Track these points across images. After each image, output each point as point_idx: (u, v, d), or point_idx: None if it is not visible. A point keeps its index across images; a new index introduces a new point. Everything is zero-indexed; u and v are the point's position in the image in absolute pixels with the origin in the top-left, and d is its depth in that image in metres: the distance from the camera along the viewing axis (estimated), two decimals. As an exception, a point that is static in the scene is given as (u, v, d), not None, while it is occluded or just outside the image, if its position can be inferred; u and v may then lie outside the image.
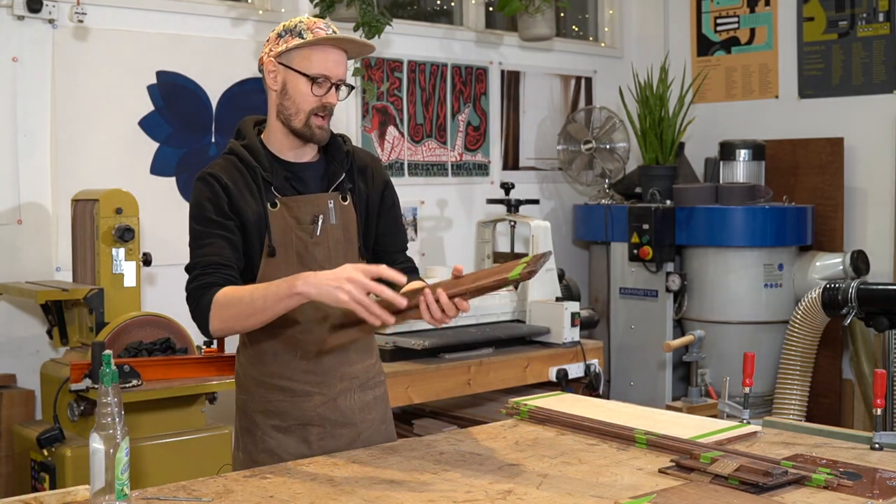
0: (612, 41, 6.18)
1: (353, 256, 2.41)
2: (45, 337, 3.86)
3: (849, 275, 5.01)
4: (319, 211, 2.36)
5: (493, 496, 1.95)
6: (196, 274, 2.26)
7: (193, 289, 2.24)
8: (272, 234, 2.32)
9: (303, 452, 2.36)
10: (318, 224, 2.35)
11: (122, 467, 1.82)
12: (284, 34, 2.33)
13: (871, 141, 5.29)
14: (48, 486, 3.29)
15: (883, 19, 5.26)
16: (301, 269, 2.31)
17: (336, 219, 2.38)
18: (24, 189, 3.91)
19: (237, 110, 4.41)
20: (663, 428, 2.39)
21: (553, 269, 4.55)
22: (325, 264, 2.33)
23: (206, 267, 2.24)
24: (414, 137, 5.12)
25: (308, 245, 2.34)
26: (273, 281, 2.16)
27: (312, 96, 2.31)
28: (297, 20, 2.35)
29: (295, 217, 2.34)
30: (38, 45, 3.92)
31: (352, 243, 2.41)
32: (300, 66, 2.31)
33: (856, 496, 1.94)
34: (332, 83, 2.32)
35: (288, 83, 2.33)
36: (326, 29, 2.32)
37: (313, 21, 2.34)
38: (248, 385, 2.44)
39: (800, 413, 4.76)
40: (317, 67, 2.30)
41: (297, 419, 2.38)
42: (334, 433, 2.40)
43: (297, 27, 2.32)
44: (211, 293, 2.20)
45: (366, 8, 4.34)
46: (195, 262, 2.28)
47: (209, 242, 2.27)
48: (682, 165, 5.60)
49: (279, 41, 2.34)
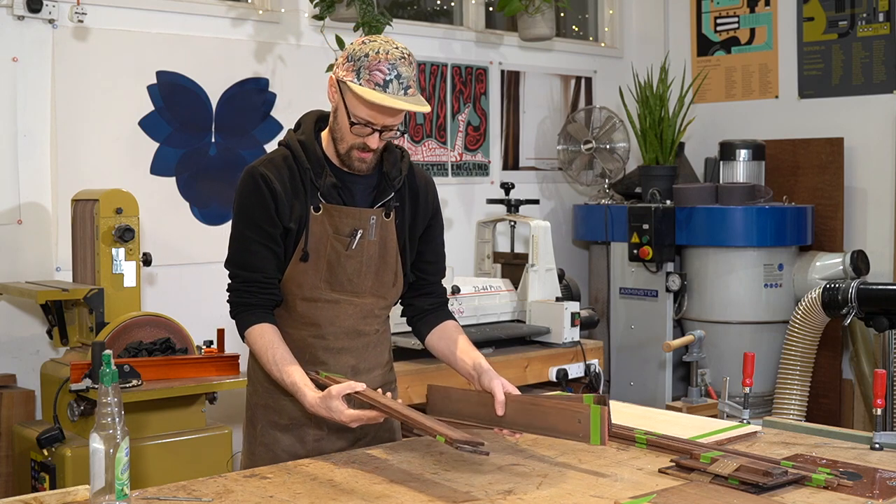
0: (612, 41, 6.18)
1: (387, 275, 2.39)
2: (45, 337, 3.85)
3: (849, 275, 5.01)
4: (360, 225, 2.33)
5: (493, 496, 1.95)
6: (238, 287, 2.34)
7: (236, 303, 2.34)
8: (309, 238, 2.31)
9: (297, 452, 2.36)
10: (355, 238, 2.32)
11: (122, 467, 1.82)
12: (350, 60, 2.22)
13: (871, 141, 5.29)
14: (48, 486, 3.29)
15: (883, 19, 5.26)
16: (330, 277, 2.32)
17: (375, 235, 2.35)
18: (24, 189, 3.91)
19: (237, 110, 4.41)
20: (663, 428, 2.40)
21: (553, 269, 4.56)
22: (354, 277, 2.34)
23: (250, 284, 2.32)
24: (414, 137, 5.12)
25: (341, 256, 2.32)
26: (290, 373, 2.24)
27: (353, 135, 2.26)
28: (367, 49, 2.20)
29: (334, 226, 2.32)
30: (38, 45, 3.92)
31: (387, 262, 2.38)
32: (349, 102, 2.23)
33: (856, 496, 1.95)
34: (375, 129, 2.24)
35: (338, 110, 2.28)
36: (388, 73, 2.17)
37: (378, 60, 2.18)
38: (255, 377, 2.45)
39: (800, 413, 4.75)
40: (361, 113, 2.22)
41: (296, 419, 2.38)
42: (331, 437, 2.40)
43: (360, 62, 2.19)
44: (251, 316, 2.32)
45: (366, 8, 4.34)
46: (239, 271, 2.33)
47: (254, 251, 2.30)
48: (682, 165, 5.60)
49: (343, 65, 2.24)
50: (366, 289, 2.37)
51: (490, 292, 4.38)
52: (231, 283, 2.36)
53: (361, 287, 2.36)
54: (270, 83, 4.52)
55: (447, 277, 4.27)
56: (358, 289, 2.36)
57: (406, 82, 2.19)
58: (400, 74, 2.19)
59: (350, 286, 2.35)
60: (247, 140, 4.44)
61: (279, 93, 4.52)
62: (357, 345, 2.39)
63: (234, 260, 2.34)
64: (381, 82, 2.17)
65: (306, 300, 2.33)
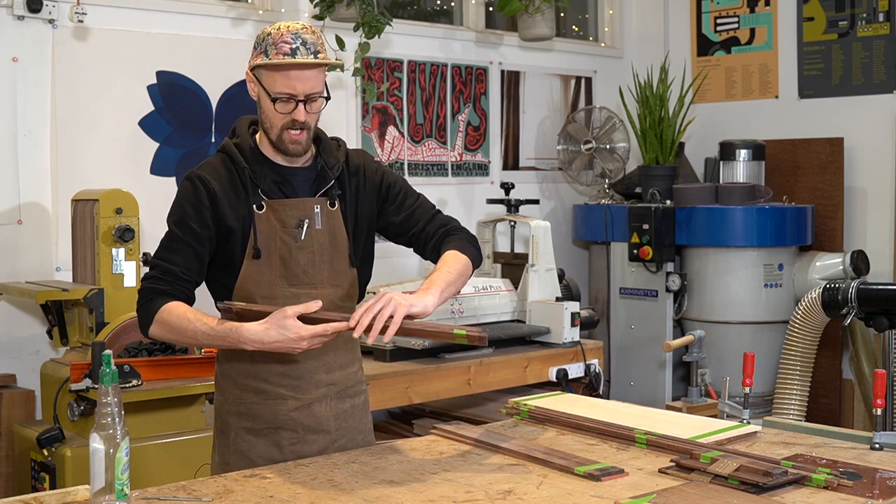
0: (612, 41, 6.18)
1: (341, 263, 2.39)
2: (45, 337, 3.86)
3: (849, 275, 5.01)
4: (305, 215, 2.34)
5: (493, 496, 1.95)
6: (154, 275, 2.30)
7: (146, 289, 2.29)
8: (257, 236, 2.31)
9: (273, 457, 2.34)
10: (303, 228, 2.33)
11: (122, 467, 1.82)
12: (256, 47, 2.29)
13: (871, 141, 5.29)
14: (48, 486, 3.29)
15: (883, 19, 5.26)
16: (285, 272, 2.32)
17: (322, 224, 2.36)
18: (24, 189, 3.91)
19: (237, 110, 4.41)
20: (663, 428, 2.39)
21: (553, 269, 4.56)
22: (309, 269, 2.34)
23: (166, 273, 2.28)
24: (414, 137, 5.12)
25: (292, 249, 2.33)
26: (219, 321, 2.20)
27: (279, 114, 2.28)
28: (267, 31, 2.28)
29: (280, 220, 2.33)
30: (38, 45, 3.92)
31: (339, 250, 2.39)
32: (266, 83, 2.28)
33: (856, 496, 1.94)
34: (298, 100, 2.27)
35: (261, 98, 2.32)
36: (293, 42, 2.24)
37: (280, 33, 2.26)
38: (224, 386, 2.43)
39: (800, 413, 4.75)
40: (279, 86, 2.26)
41: (269, 422, 2.37)
42: (307, 439, 2.38)
43: (265, 42, 2.27)
44: (161, 301, 2.25)
45: (366, 8, 4.34)
46: (158, 262, 2.31)
47: (179, 249, 2.30)
48: (682, 165, 5.60)
49: (253, 53, 2.30)
50: (322, 279, 2.36)
51: (490, 292, 4.38)
52: (147, 273, 2.32)
53: (317, 277, 2.36)
54: (270, 83, 4.52)
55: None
56: (314, 279, 2.35)
57: (313, 48, 2.27)
58: (305, 41, 2.26)
59: (306, 278, 2.34)
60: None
61: (279, 93, 4.51)
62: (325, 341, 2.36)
63: (156, 254, 2.33)
64: (289, 51, 2.24)
65: (266, 298, 2.32)
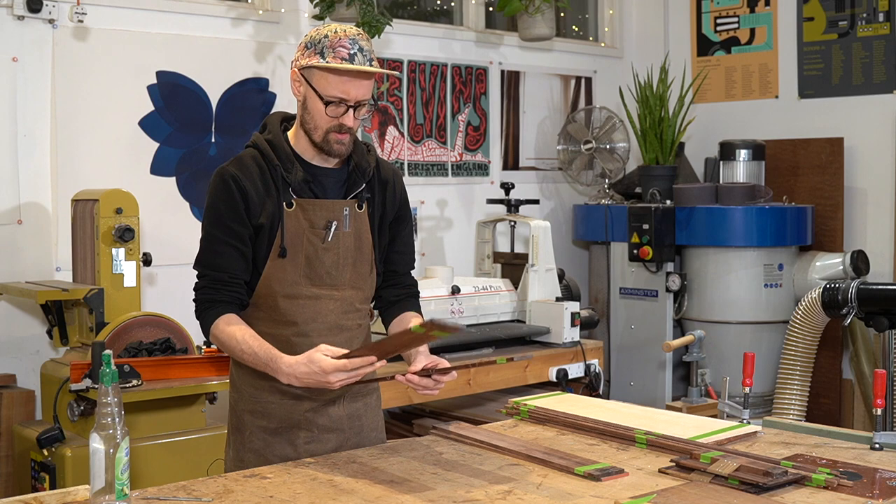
0: (612, 41, 6.18)
1: (364, 266, 2.41)
2: (45, 337, 3.86)
3: (849, 275, 5.01)
4: (334, 217, 2.35)
5: (493, 496, 1.95)
6: (204, 285, 2.35)
7: (199, 300, 2.35)
8: (285, 234, 2.32)
9: (288, 455, 2.35)
10: (330, 230, 2.34)
11: (122, 467, 1.82)
12: (310, 47, 2.28)
13: (871, 141, 5.29)
14: (48, 486, 3.29)
15: (883, 19, 5.26)
16: (309, 272, 2.33)
17: (349, 226, 2.37)
18: (24, 189, 3.91)
19: (237, 110, 4.41)
20: (663, 428, 2.39)
21: (553, 269, 4.56)
22: (333, 270, 2.35)
23: (215, 283, 2.33)
24: (414, 137, 5.12)
25: (318, 250, 2.34)
26: (264, 348, 2.24)
27: (328, 117, 2.29)
28: (324, 32, 2.27)
29: (309, 220, 2.33)
30: (38, 45, 3.92)
31: (363, 253, 2.41)
32: (318, 85, 2.28)
33: (856, 496, 1.94)
34: (349, 105, 2.28)
35: (308, 98, 2.31)
36: (351, 47, 2.25)
37: (338, 37, 2.26)
38: (240, 384, 2.44)
39: (800, 413, 4.75)
40: (333, 90, 2.26)
41: (286, 422, 2.38)
42: (321, 438, 2.39)
43: (321, 43, 2.26)
44: (216, 311, 2.33)
45: (366, 8, 4.34)
46: (207, 270, 2.34)
47: (222, 252, 2.32)
48: (682, 165, 5.60)
49: (304, 53, 2.29)
50: (345, 281, 2.38)
51: (490, 292, 4.38)
52: (198, 283, 2.37)
53: (340, 280, 2.37)
54: (270, 83, 4.52)
55: (446, 277, 4.28)
56: (337, 282, 2.37)
57: (369, 55, 2.29)
58: (362, 48, 2.28)
59: (329, 279, 2.36)
60: (247, 140, 4.39)
61: (279, 93, 4.52)
62: (339, 341, 2.36)
63: (201, 260, 2.36)
64: (347, 56, 2.25)
65: (287, 297, 2.34)
